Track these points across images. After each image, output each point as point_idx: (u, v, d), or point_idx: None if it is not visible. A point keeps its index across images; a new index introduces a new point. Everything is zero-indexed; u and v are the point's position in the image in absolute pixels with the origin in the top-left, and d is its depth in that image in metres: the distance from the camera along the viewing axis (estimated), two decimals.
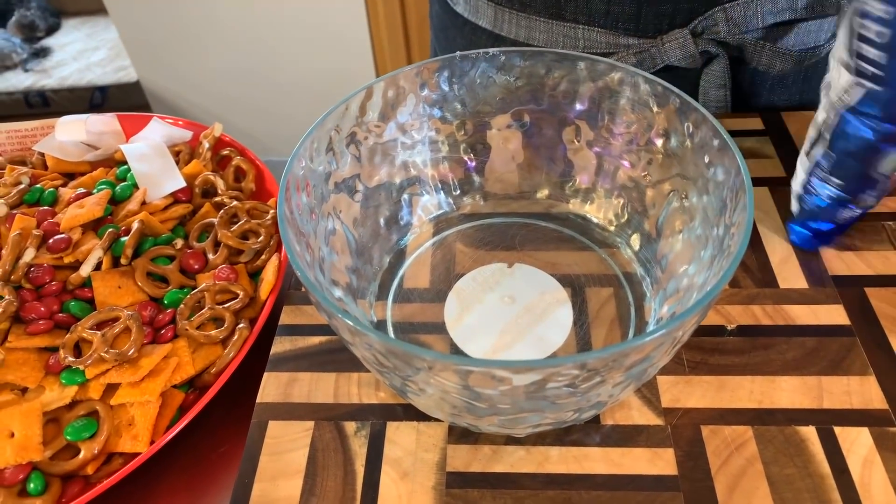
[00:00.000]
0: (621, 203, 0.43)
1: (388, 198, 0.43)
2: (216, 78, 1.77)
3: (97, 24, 2.21)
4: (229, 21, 1.65)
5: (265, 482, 0.34)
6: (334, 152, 0.38)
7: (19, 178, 0.49)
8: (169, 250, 0.45)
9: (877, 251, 0.42)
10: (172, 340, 0.41)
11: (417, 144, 0.43)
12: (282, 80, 1.74)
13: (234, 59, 1.72)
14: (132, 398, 0.38)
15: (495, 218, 0.45)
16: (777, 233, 0.44)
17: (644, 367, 0.29)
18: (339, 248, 0.39)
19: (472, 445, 0.35)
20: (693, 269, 0.36)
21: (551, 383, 0.27)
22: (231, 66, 1.74)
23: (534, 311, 0.39)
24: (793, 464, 0.33)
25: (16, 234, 0.43)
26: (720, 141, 0.34)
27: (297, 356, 0.39)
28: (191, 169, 0.51)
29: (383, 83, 0.39)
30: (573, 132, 0.43)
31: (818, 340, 0.38)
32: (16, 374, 0.38)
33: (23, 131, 0.57)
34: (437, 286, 0.42)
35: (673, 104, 0.37)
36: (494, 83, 0.42)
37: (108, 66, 1.99)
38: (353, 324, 0.27)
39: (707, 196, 0.36)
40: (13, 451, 0.36)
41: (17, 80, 1.98)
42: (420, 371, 0.27)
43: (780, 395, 0.36)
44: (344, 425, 0.36)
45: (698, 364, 0.37)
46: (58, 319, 0.41)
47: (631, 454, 0.34)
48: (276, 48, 1.68)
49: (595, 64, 0.39)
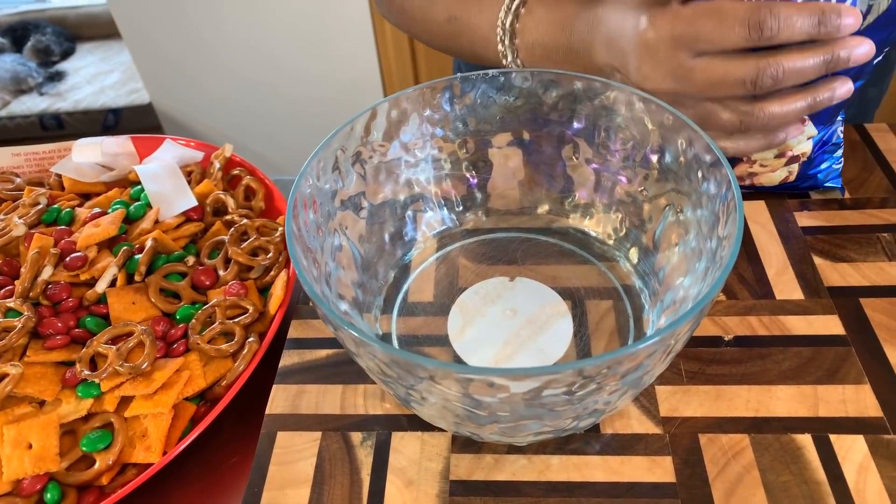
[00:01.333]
0: (619, 217, 0.44)
1: (392, 214, 0.44)
2: (226, 99, 1.81)
3: (111, 49, 2.25)
4: (239, 45, 1.68)
5: (274, 490, 0.35)
6: (340, 171, 0.40)
7: (37, 199, 0.51)
8: (181, 267, 0.47)
9: (871, 262, 0.43)
10: (184, 354, 0.42)
11: (421, 163, 0.44)
12: (291, 102, 1.77)
13: (244, 81, 1.75)
14: (146, 410, 0.39)
15: (497, 233, 0.47)
16: (773, 245, 0.45)
17: (639, 374, 0.29)
18: (346, 264, 0.40)
19: (474, 454, 0.36)
20: (688, 281, 0.37)
21: (548, 390, 0.28)
22: (241, 87, 1.77)
23: (535, 324, 0.41)
24: (789, 471, 0.34)
25: (34, 253, 0.44)
26: (712, 156, 0.35)
27: (305, 369, 0.41)
28: (202, 188, 0.53)
29: (387, 104, 0.41)
30: (572, 149, 0.44)
31: (814, 350, 0.39)
32: (34, 388, 0.40)
33: (40, 153, 0.59)
34: (440, 300, 0.43)
35: (667, 121, 0.38)
36: (495, 103, 0.43)
37: (121, 89, 2.03)
38: (358, 335, 0.28)
39: (701, 209, 0.37)
40: (31, 461, 0.37)
41: (32, 103, 2.02)
42: (422, 380, 0.29)
43: (776, 404, 0.36)
44: (350, 435, 0.37)
45: (696, 374, 0.38)
46: (74, 335, 0.43)
47: (630, 462, 0.35)
48: (285, 71, 1.71)
49: (592, 83, 0.40)
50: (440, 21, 0.54)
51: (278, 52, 1.68)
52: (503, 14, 0.48)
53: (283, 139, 1.85)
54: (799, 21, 0.34)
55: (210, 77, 1.77)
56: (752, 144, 0.41)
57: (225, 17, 1.64)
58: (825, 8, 0.35)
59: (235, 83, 1.76)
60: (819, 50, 0.36)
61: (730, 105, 0.38)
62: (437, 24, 0.54)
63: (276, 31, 1.64)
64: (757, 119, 0.38)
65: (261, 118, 1.83)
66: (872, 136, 0.53)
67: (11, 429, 0.38)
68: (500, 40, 0.49)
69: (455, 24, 0.53)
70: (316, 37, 1.63)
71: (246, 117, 1.83)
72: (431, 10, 0.54)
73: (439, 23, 0.54)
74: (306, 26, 1.62)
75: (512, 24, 0.48)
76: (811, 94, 0.38)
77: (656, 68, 0.38)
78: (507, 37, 0.48)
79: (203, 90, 1.80)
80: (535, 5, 0.48)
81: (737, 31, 0.35)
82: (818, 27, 0.35)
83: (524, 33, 0.48)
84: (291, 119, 1.81)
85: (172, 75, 1.79)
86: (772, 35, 0.35)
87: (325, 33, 1.62)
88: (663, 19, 0.38)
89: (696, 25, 0.36)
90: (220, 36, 1.67)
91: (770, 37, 0.35)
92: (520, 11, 0.48)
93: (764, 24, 0.34)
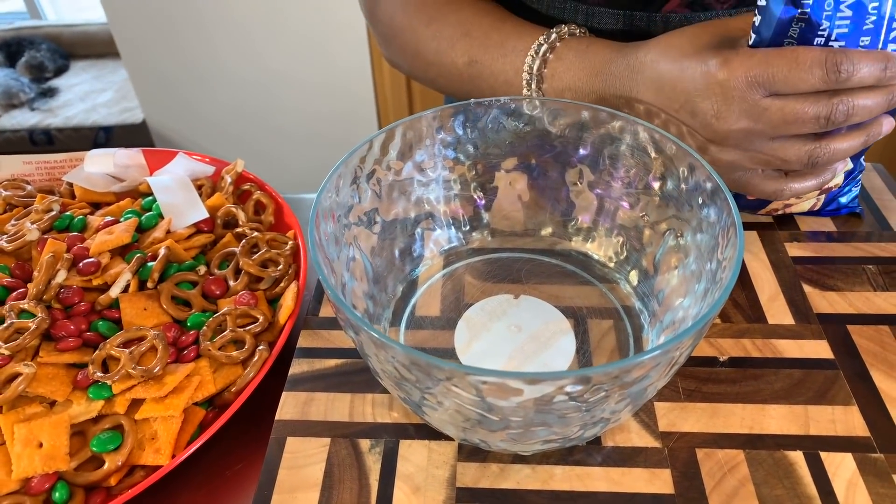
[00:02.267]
0: (620, 241, 0.46)
1: (403, 231, 0.46)
2: (221, 119, 1.82)
3: (105, 67, 2.27)
4: (235, 66, 1.71)
5: (284, 494, 0.36)
6: (358, 186, 0.41)
7: (50, 206, 0.52)
8: (192, 276, 0.48)
9: (858, 292, 0.45)
10: (195, 360, 0.43)
11: (432, 182, 0.46)
12: (286, 124, 1.80)
13: (239, 101, 1.77)
14: (156, 413, 0.40)
15: (502, 253, 0.48)
16: (765, 273, 0.47)
17: (643, 385, 0.31)
18: (359, 276, 0.42)
19: (480, 463, 0.37)
20: (688, 301, 0.38)
21: (559, 396, 0.29)
22: (235, 108, 1.79)
23: (539, 340, 0.42)
24: (782, 485, 0.35)
25: (49, 256, 0.45)
26: (713, 184, 0.37)
27: (314, 377, 0.42)
28: (213, 202, 0.54)
29: (402, 126, 0.43)
30: (576, 175, 0.46)
31: (804, 372, 0.40)
32: (46, 388, 0.40)
33: (51, 163, 0.60)
34: (447, 314, 0.44)
35: (669, 150, 0.40)
36: (505, 128, 0.45)
37: (114, 108, 2.04)
38: (379, 336, 0.29)
39: (700, 234, 0.39)
40: (41, 460, 0.38)
41: (23, 118, 2.02)
42: (439, 382, 0.30)
43: (769, 422, 0.38)
44: (359, 442, 0.38)
45: (693, 392, 0.40)
46: (86, 338, 0.43)
47: (630, 474, 0.36)
48: (281, 93, 1.73)
49: (598, 112, 0.43)
50: (459, 65, 0.54)
51: (275, 74, 1.70)
52: (530, 59, 0.49)
53: (276, 161, 1.86)
54: (868, 65, 0.37)
55: (206, 97, 1.78)
56: (806, 185, 0.43)
57: (222, 38, 1.66)
58: (889, 55, 0.38)
59: (230, 103, 1.78)
60: (884, 89, 0.39)
61: (797, 143, 0.41)
62: (456, 68, 0.54)
63: (273, 53, 1.67)
64: (822, 155, 0.40)
65: (255, 139, 1.84)
66: None
67: (22, 427, 0.38)
68: (525, 85, 0.50)
69: (476, 68, 0.53)
70: (313, 59, 1.66)
71: (240, 137, 1.85)
72: (450, 53, 0.54)
73: (458, 66, 0.54)
74: (304, 49, 1.65)
75: (539, 69, 0.49)
76: (866, 131, 0.41)
77: (730, 108, 0.40)
78: (535, 81, 0.50)
79: (198, 110, 1.82)
80: (564, 51, 0.49)
81: (815, 72, 0.37)
82: (885, 71, 0.38)
83: (553, 78, 0.49)
84: (285, 141, 1.83)
85: (168, 94, 1.81)
86: (847, 77, 0.37)
87: (320, 57, 1.65)
88: (737, 62, 0.39)
89: (773, 67, 0.38)
90: (216, 57, 1.70)
91: (846, 79, 0.37)
92: (547, 57, 0.49)
93: (840, 66, 0.37)
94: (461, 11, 0.55)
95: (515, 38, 0.51)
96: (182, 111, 1.83)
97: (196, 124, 1.86)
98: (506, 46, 0.51)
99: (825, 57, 0.37)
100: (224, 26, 1.64)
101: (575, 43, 0.49)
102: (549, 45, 0.49)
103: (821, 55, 0.37)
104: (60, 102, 2.09)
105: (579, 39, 0.50)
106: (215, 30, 1.65)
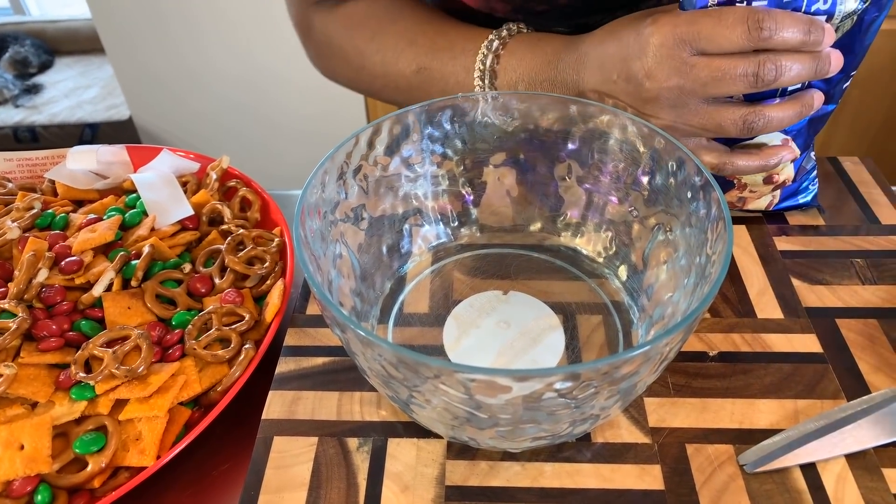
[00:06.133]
0: (609, 236, 0.46)
1: (390, 227, 0.46)
2: (207, 116, 1.81)
3: (90, 63, 2.24)
4: (222, 63, 1.69)
5: (270, 494, 0.36)
6: (344, 182, 0.41)
7: (32, 204, 0.51)
8: (177, 274, 0.47)
9: (846, 285, 0.45)
10: (180, 359, 0.42)
11: (420, 178, 0.46)
12: (273, 119, 1.78)
13: (226, 98, 1.75)
14: (141, 413, 0.39)
15: (491, 248, 0.48)
16: (754, 267, 0.47)
17: (633, 381, 0.31)
18: (346, 273, 0.41)
19: (469, 461, 0.37)
20: (677, 296, 0.38)
21: (548, 393, 0.29)
22: (222, 104, 1.77)
23: (528, 336, 0.42)
24: (772, 480, 0.35)
25: (30, 255, 0.44)
26: (702, 178, 0.37)
27: (301, 376, 0.41)
28: (198, 198, 0.53)
29: (389, 121, 0.42)
30: (565, 170, 0.46)
31: (793, 366, 0.40)
32: (27, 389, 0.40)
33: (33, 159, 0.59)
34: (435, 311, 0.44)
35: (658, 144, 0.40)
36: (493, 123, 0.45)
37: (100, 104, 2.02)
38: (366, 334, 0.29)
39: (689, 229, 0.38)
40: (22, 463, 0.37)
41: (6, 115, 2.00)
42: (427, 380, 0.29)
43: (759, 417, 0.38)
44: (347, 441, 0.38)
45: (682, 387, 0.40)
46: (68, 338, 0.42)
47: (620, 470, 0.36)
48: (267, 88, 1.72)
49: (586, 107, 0.42)
50: (407, 74, 0.55)
51: (261, 69, 1.69)
52: (482, 56, 0.50)
53: (264, 157, 1.85)
54: (791, 26, 0.38)
55: (192, 93, 1.77)
56: (750, 163, 0.43)
57: (209, 34, 1.65)
58: (813, 20, 0.38)
59: (217, 99, 1.77)
60: (811, 55, 0.39)
61: (731, 107, 0.41)
62: (404, 78, 0.55)
63: (259, 48, 1.65)
64: (756, 121, 0.41)
65: (242, 136, 1.83)
66: (845, 168, 0.55)
67: (3, 429, 0.38)
68: (478, 82, 0.51)
69: (425, 74, 0.54)
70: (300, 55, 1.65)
71: (227, 134, 1.84)
72: (396, 63, 0.55)
73: (406, 76, 0.55)
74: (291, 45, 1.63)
75: (492, 64, 0.50)
76: (800, 101, 0.41)
77: (660, 65, 0.41)
78: (488, 77, 0.50)
79: (185, 106, 1.80)
80: (515, 46, 0.50)
81: (738, 29, 0.38)
82: (808, 35, 0.38)
83: (506, 72, 0.50)
84: (272, 137, 1.82)
85: (154, 91, 1.79)
86: (769, 35, 0.38)
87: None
88: (664, 20, 0.41)
89: (698, 25, 0.39)
90: (203, 53, 1.68)
91: (767, 37, 0.38)
92: (499, 52, 0.50)
93: (763, 22, 0.38)
94: (403, 21, 0.56)
95: (464, 40, 0.52)
96: (169, 107, 1.82)
97: (183, 121, 1.84)
98: (454, 49, 0.52)
99: (748, 14, 0.38)
100: (211, 22, 1.62)
101: (526, 38, 0.50)
102: (500, 41, 0.50)
103: (744, 13, 0.38)
104: (45, 99, 2.07)
105: (529, 35, 0.51)
106: (202, 25, 1.63)
